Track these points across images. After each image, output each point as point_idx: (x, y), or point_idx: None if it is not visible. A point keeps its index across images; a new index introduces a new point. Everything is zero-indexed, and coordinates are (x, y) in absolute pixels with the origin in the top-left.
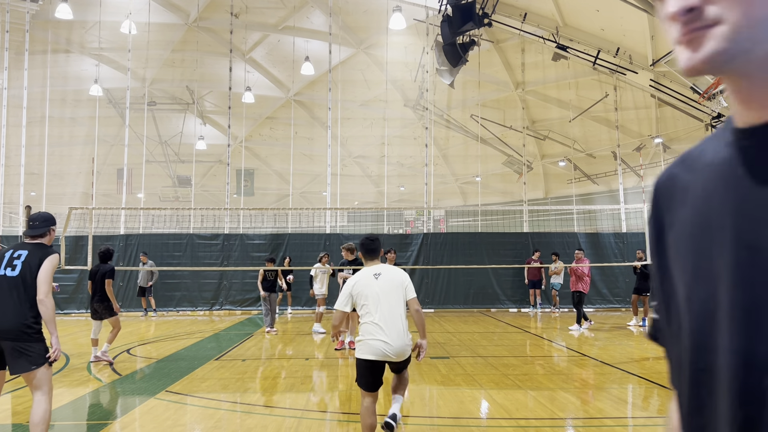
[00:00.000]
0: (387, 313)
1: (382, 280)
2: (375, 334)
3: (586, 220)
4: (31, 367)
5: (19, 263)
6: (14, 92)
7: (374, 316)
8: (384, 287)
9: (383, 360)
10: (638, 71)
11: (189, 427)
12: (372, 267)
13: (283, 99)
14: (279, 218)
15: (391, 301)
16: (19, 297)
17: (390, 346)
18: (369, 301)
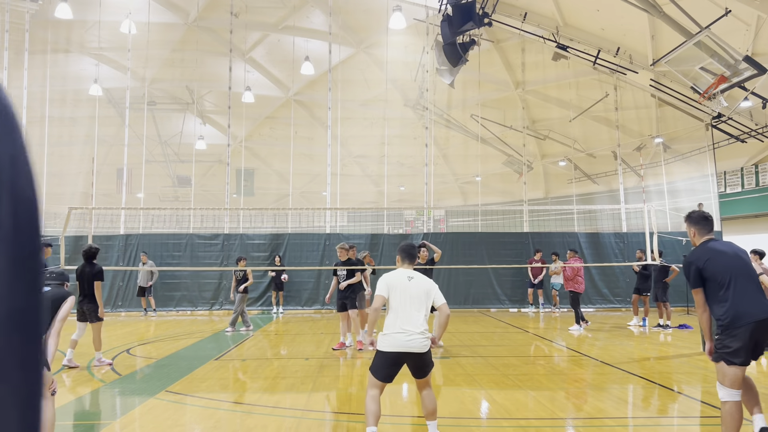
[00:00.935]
0: (411, 312)
1: (413, 282)
2: (397, 328)
3: (587, 220)
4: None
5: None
6: (14, 92)
7: (398, 313)
8: (413, 289)
9: (405, 352)
10: (638, 71)
11: (189, 427)
12: (406, 270)
13: (283, 99)
14: (279, 218)
15: (416, 302)
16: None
17: (411, 340)
18: (398, 297)
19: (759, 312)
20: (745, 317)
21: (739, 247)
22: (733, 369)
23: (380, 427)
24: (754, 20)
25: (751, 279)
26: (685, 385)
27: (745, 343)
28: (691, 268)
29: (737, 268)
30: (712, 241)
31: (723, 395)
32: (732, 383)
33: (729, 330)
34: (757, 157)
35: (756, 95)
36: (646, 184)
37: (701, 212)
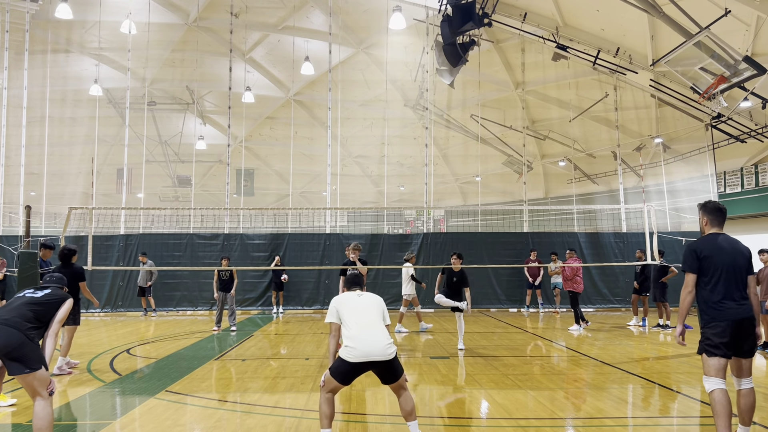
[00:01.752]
0: (370, 321)
1: (363, 297)
2: (361, 337)
3: (586, 220)
4: (25, 370)
5: (42, 293)
6: (14, 92)
7: (358, 324)
8: (365, 302)
9: (370, 361)
10: (638, 71)
11: (189, 427)
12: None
13: (283, 99)
14: (279, 218)
15: (372, 312)
16: (30, 311)
17: (378, 348)
18: (352, 312)
19: (737, 313)
20: (725, 315)
21: (741, 246)
22: (714, 360)
23: (380, 427)
24: (753, 20)
25: (738, 279)
26: (685, 385)
27: (726, 338)
28: (692, 254)
29: (730, 267)
30: (721, 236)
31: (709, 386)
32: (716, 372)
33: (711, 325)
34: (756, 157)
35: (756, 95)
36: (646, 184)
37: (716, 203)
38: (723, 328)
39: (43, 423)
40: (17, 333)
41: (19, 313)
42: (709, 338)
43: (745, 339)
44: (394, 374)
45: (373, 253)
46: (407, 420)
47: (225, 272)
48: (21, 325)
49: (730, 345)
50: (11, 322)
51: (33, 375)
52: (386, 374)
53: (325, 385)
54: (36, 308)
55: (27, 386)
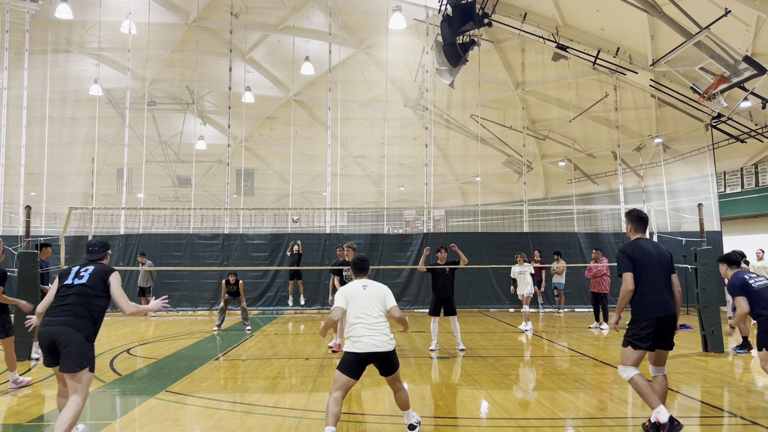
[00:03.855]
0: (372, 316)
1: (368, 290)
2: (363, 332)
3: (586, 220)
4: (75, 369)
5: (87, 275)
6: (14, 92)
7: (361, 318)
8: (370, 296)
9: (373, 352)
10: (638, 71)
11: (189, 427)
12: (360, 280)
13: (283, 99)
14: (279, 218)
15: (375, 307)
16: (83, 303)
17: (379, 342)
18: (357, 305)
19: (661, 311)
20: (650, 312)
21: (664, 249)
22: (638, 353)
23: (380, 427)
24: (753, 20)
25: (663, 280)
26: (685, 385)
27: (651, 333)
28: (624, 257)
29: (655, 269)
30: (643, 240)
31: (626, 374)
32: (635, 363)
33: (638, 321)
34: (756, 158)
35: (756, 95)
36: (646, 184)
37: (639, 212)
38: (649, 323)
39: (68, 416)
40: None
41: None
42: (637, 333)
43: (668, 334)
44: (392, 366)
45: (373, 253)
46: (402, 409)
47: (233, 286)
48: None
49: (654, 339)
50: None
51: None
52: (386, 366)
53: (335, 385)
54: None
55: (70, 379)
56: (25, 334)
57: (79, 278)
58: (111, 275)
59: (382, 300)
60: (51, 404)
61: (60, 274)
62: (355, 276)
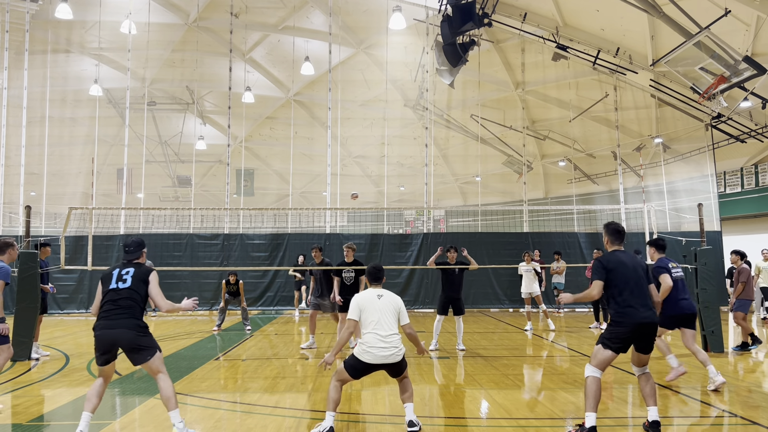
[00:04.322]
0: (385, 327)
1: (383, 300)
2: (375, 342)
3: (586, 220)
4: (147, 358)
5: (129, 278)
6: (14, 92)
7: (374, 328)
8: (384, 306)
9: (382, 363)
10: (638, 71)
11: (189, 427)
12: (375, 290)
13: (283, 99)
14: (279, 218)
15: (388, 317)
16: (132, 304)
17: (389, 354)
18: (371, 315)
19: (641, 318)
20: (629, 318)
21: (639, 261)
22: (607, 353)
23: (380, 426)
24: (753, 20)
25: (641, 289)
26: (685, 385)
27: (626, 337)
28: (599, 266)
29: (633, 279)
30: (620, 252)
31: (589, 372)
32: (599, 364)
33: (617, 325)
34: (756, 157)
35: (756, 95)
36: (646, 184)
37: (616, 225)
38: (626, 329)
39: (169, 392)
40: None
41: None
42: (612, 335)
43: (645, 339)
44: (400, 370)
45: (373, 253)
46: (404, 402)
47: (233, 286)
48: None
49: (628, 343)
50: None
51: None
52: (394, 371)
53: (337, 375)
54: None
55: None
56: (25, 334)
57: (123, 282)
58: (150, 275)
59: (397, 313)
60: (51, 404)
61: (102, 277)
62: (370, 284)
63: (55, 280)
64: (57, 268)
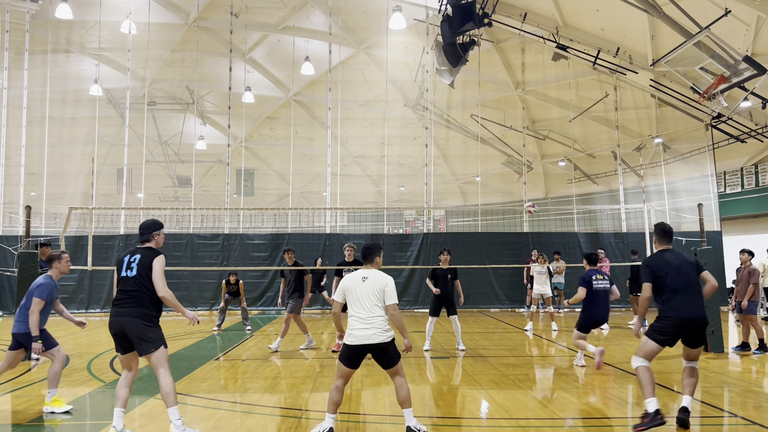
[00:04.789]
0: (367, 308)
1: (367, 282)
2: (357, 324)
3: (586, 220)
4: (150, 350)
5: (135, 265)
6: (14, 92)
7: (356, 311)
8: (367, 288)
9: (366, 344)
10: (638, 71)
11: (189, 427)
12: (363, 271)
13: (283, 99)
14: (279, 218)
15: (371, 299)
16: (139, 293)
17: (371, 334)
18: (353, 298)
19: (686, 313)
20: (676, 313)
21: (687, 258)
22: (653, 345)
23: (380, 426)
24: (753, 20)
25: (688, 286)
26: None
27: (672, 331)
28: (646, 268)
29: (680, 276)
30: (667, 252)
31: (635, 363)
32: (646, 354)
33: (663, 320)
34: (756, 157)
35: (756, 95)
36: (646, 184)
37: (663, 226)
38: (672, 323)
39: (168, 388)
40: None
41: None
42: (659, 328)
43: (692, 334)
44: (388, 359)
45: None
46: (402, 407)
47: (233, 286)
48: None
49: (675, 337)
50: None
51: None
52: (382, 358)
53: (336, 371)
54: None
55: (150, 360)
56: None
57: (130, 270)
58: (155, 259)
59: (380, 293)
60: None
61: (117, 263)
62: (363, 264)
63: None
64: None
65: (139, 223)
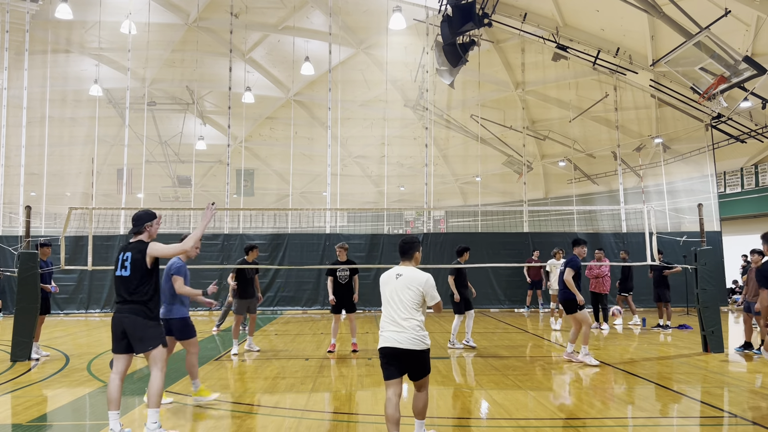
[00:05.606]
0: (398, 308)
1: (401, 280)
2: (386, 324)
3: (586, 220)
4: (148, 348)
5: (128, 264)
6: (14, 92)
7: (387, 310)
8: (399, 287)
9: (394, 347)
10: (638, 71)
11: (189, 427)
12: (399, 268)
13: (283, 99)
14: (279, 218)
15: (403, 299)
16: (133, 292)
17: (398, 335)
18: (386, 296)
19: None
20: None
21: None
22: None
23: (380, 427)
24: (753, 20)
25: None
26: (685, 385)
27: None
28: (762, 276)
29: None
30: None
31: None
32: None
33: None
34: (756, 158)
35: (756, 95)
36: (646, 184)
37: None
38: None
39: (155, 389)
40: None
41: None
42: None
43: None
44: (418, 371)
45: (373, 253)
46: (416, 417)
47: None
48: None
49: None
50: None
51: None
52: (412, 368)
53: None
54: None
55: (147, 357)
56: (25, 334)
57: (124, 269)
58: (146, 255)
59: (416, 294)
60: (51, 404)
61: (114, 262)
62: (401, 260)
63: (56, 280)
64: (57, 268)
65: None
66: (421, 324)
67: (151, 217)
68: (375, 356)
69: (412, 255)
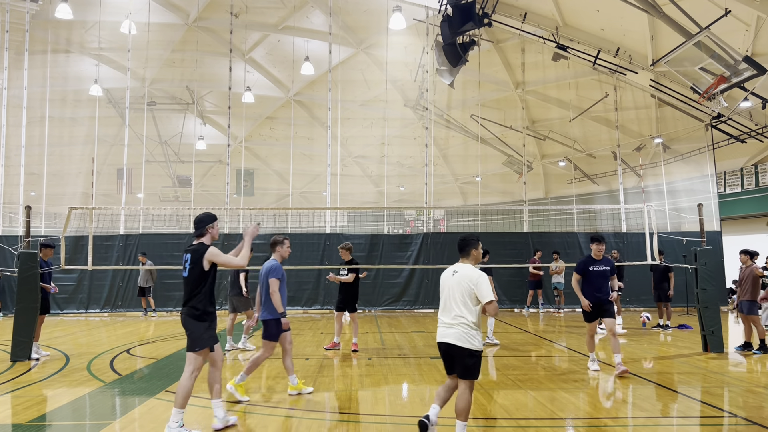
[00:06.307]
0: (450, 304)
1: (456, 277)
2: (440, 319)
3: (586, 220)
4: (188, 347)
5: (187, 266)
6: (14, 92)
7: (441, 305)
8: (454, 284)
9: (444, 342)
10: (638, 71)
11: (189, 427)
12: (456, 265)
13: (283, 99)
14: (279, 218)
15: (455, 295)
16: (189, 293)
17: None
18: (443, 292)
19: None
20: None
21: None
22: None
23: (380, 427)
24: (753, 20)
25: None
26: (685, 385)
27: None
28: None
29: None
30: None
31: None
32: None
33: None
34: (756, 158)
35: (756, 95)
36: (646, 184)
37: None
38: None
39: (181, 388)
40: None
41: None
42: None
43: None
44: (465, 370)
45: (373, 253)
46: (457, 417)
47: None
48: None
49: None
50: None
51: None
52: (459, 364)
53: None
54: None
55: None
56: (25, 334)
57: (185, 270)
58: (204, 259)
59: (469, 291)
60: (51, 404)
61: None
62: (460, 258)
63: (55, 280)
64: (57, 268)
65: (138, 224)
66: (472, 323)
67: (212, 219)
68: (375, 356)
69: (469, 252)
